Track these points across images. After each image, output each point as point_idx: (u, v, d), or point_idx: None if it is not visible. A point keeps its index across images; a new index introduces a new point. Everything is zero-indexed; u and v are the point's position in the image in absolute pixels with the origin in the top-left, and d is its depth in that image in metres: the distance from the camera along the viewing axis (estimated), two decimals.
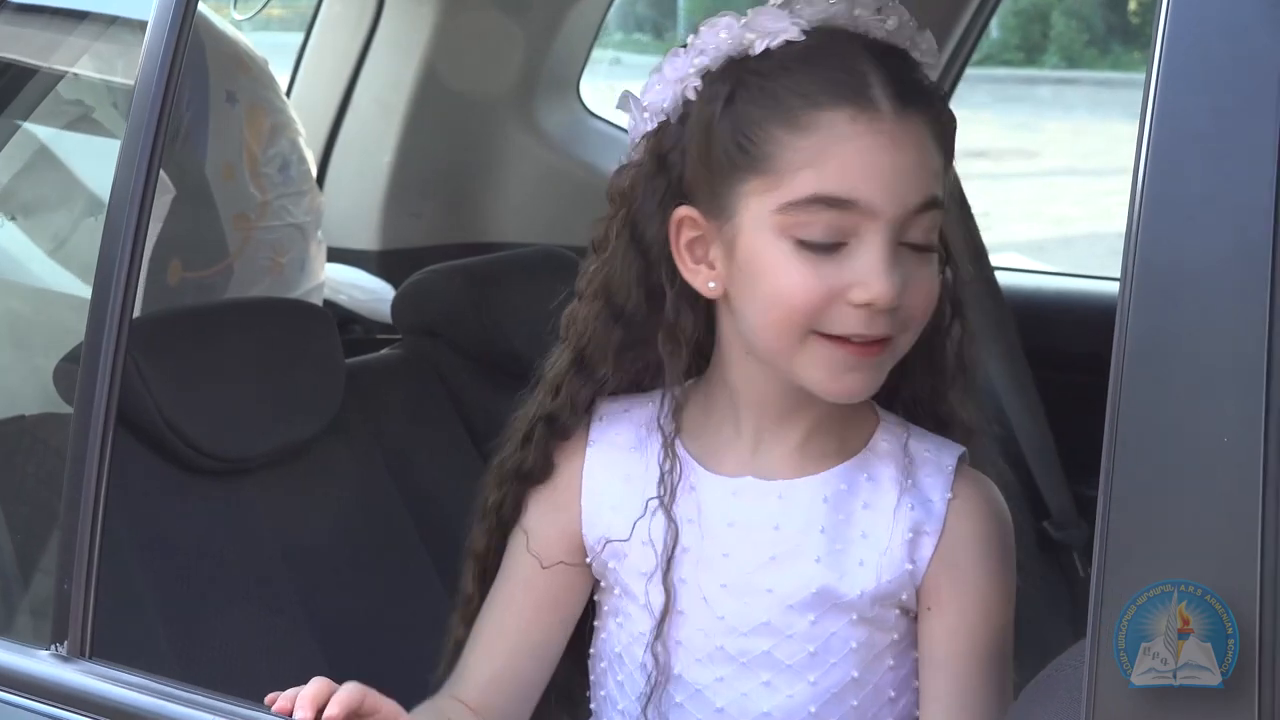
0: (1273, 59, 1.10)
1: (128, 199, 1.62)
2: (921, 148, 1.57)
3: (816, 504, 1.67)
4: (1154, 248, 1.14)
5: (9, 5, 1.81)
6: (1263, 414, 1.08)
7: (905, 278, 1.55)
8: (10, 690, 1.60)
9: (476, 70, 3.29)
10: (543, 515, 1.75)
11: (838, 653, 1.66)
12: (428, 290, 2.66)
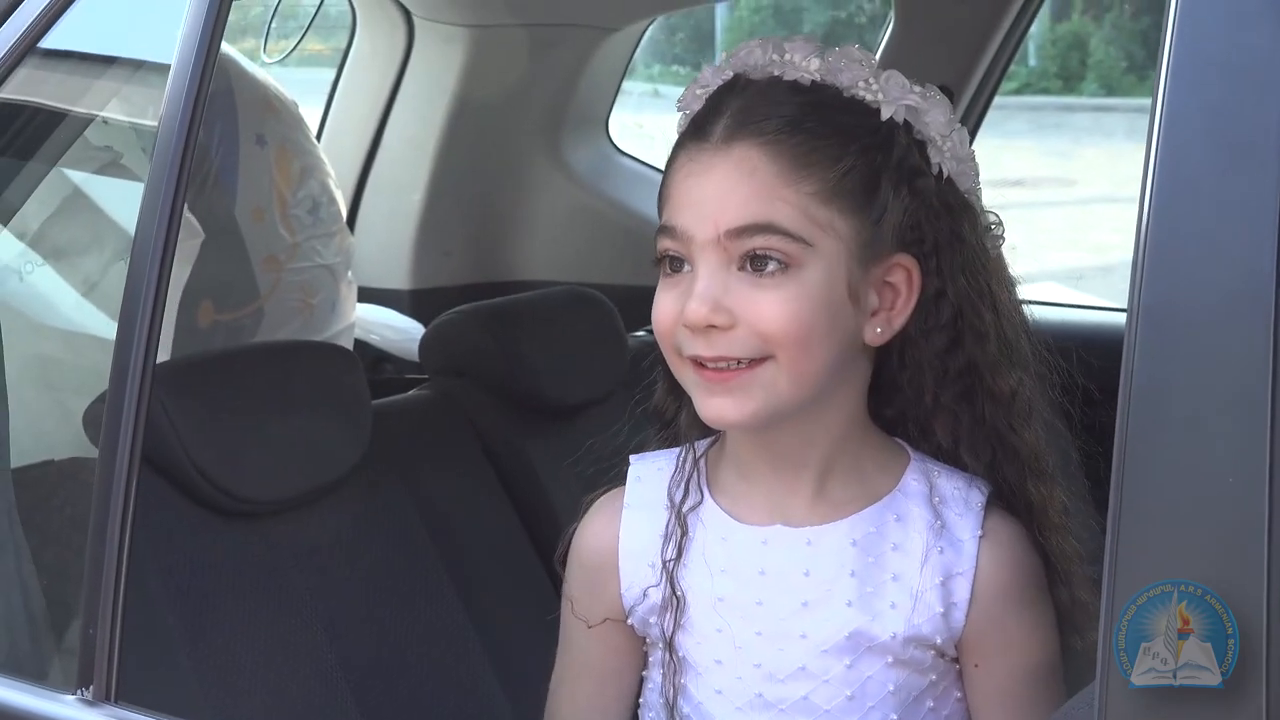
0: (1276, 96, 1.10)
1: (151, 243, 1.62)
2: (747, 173, 1.59)
3: (845, 548, 1.67)
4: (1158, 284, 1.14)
5: (38, 50, 1.81)
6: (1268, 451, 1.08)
7: (741, 300, 1.57)
8: None
9: (505, 108, 3.30)
10: (589, 579, 1.77)
11: (875, 696, 1.66)
12: (454, 331, 2.67)
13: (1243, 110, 1.13)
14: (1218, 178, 1.13)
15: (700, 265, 1.59)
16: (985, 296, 1.70)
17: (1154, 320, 1.14)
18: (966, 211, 1.71)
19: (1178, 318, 1.14)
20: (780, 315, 1.58)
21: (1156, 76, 1.16)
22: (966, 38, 3.17)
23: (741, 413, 1.61)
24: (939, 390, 1.71)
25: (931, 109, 1.68)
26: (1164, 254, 1.14)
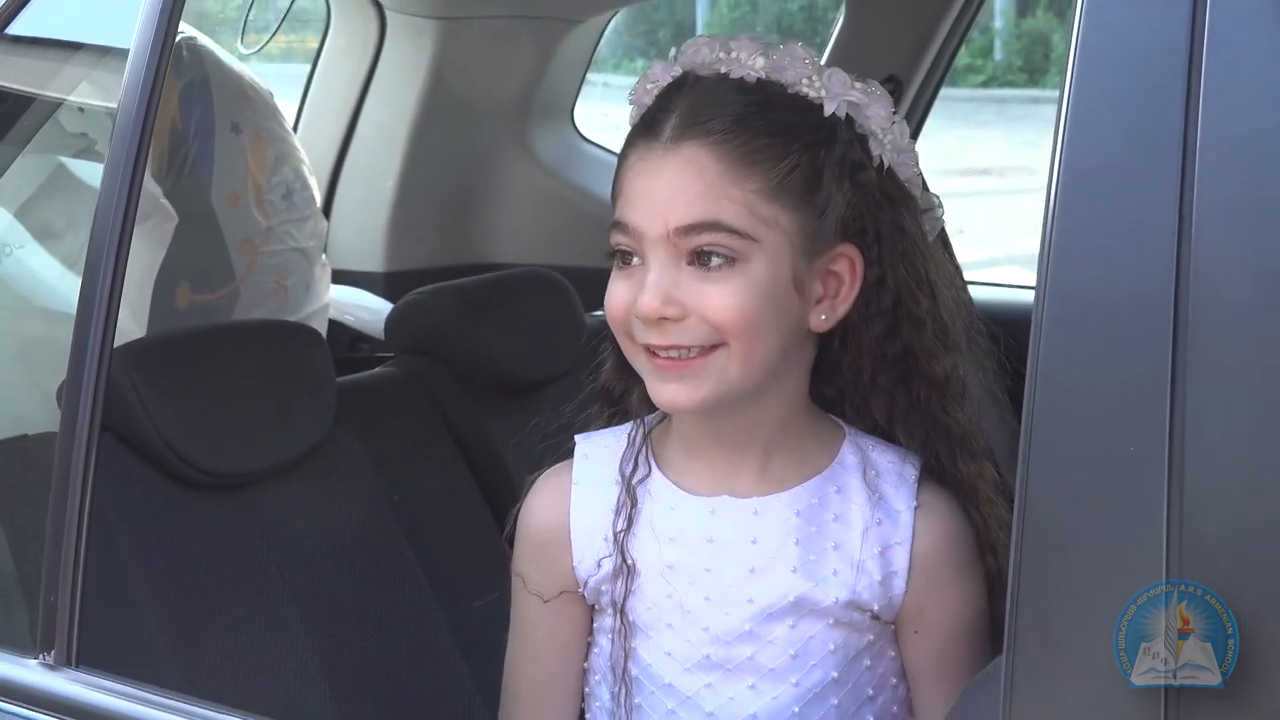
0: (1175, 92, 1.11)
1: (110, 223, 1.62)
2: (697, 172, 1.60)
3: (790, 518, 1.68)
4: (1063, 269, 1.15)
5: (5, 36, 1.81)
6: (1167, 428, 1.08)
7: (690, 293, 1.58)
8: (16, 700, 1.60)
9: (474, 98, 3.30)
10: (539, 553, 1.77)
11: (817, 655, 1.67)
12: (419, 310, 2.67)
13: (1145, 102, 1.13)
14: (1125, 156, 1.14)
15: (651, 260, 1.60)
16: (923, 284, 1.71)
17: (1061, 299, 1.15)
18: (906, 201, 1.72)
19: (1084, 297, 1.14)
20: (728, 307, 1.59)
21: (1064, 71, 1.17)
22: (914, 28, 3.18)
23: (693, 398, 1.62)
24: (877, 373, 1.72)
25: (872, 104, 1.69)
26: (1072, 233, 1.15)
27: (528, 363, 2.58)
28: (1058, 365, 1.13)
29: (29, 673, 1.59)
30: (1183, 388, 1.08)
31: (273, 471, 2.26)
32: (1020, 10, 18.19)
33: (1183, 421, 1.08)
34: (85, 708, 1.56)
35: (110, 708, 1.55)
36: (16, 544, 1.84)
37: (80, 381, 1.60)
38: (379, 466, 2.40)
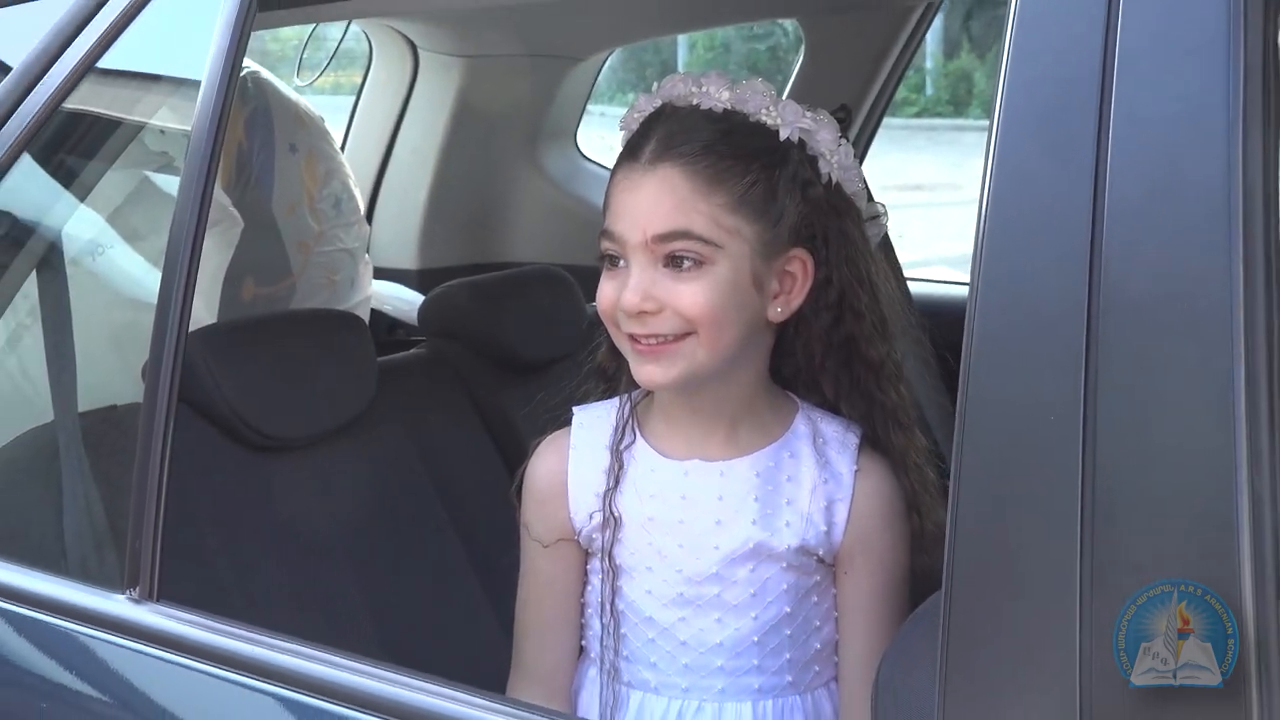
0: (1089, 109, 1.09)
1: (185, 227, 1.61)
2: (670, 189, 1.61)
3: (750, 478, 1.70)
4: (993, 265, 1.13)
5: (96, 69, 1.79)
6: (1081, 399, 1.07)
7: (664, 290, 1.60)
8: (93, 627, 1.58)
9: (493, 123, 3.29)
10: (542, 507, 1.77)
11: (773, 593, 1.69)
12: (446, 301, 2.66)
13: (1065, 118, 1.11)
14: (1046, 169, 1.12)
15: (633, 263, 1.61)
16: (864, 282, 1.72)
17: (992, 285, 1.13)
18: (850, 211, 1.72)
19: (1012, 284, 1.12)
20: (697, 303, 1.60)
21: (995, 91, 1.15)
22: (861, 67, 3.18)
23: (667, 376, 1.63)
24: (825, 356, 1.73)
25: (820, 129, 1.70)
26: (1001, 233, 1.13)
27: (537, 345, 2.57)
28: (989, 346, 1.11)
29: (117, 606, 1.57)
30: (1095, 364, 1.06)
31: (322, 437, 2.24)
32: (947, 53, 18.28)
33: (1095, 394, 1.06)
34: (163, 635, 1.54)
35: (185, 635, 1.53)
36: (107, 498, 1.82)
37: (161, 360, 1.59)
38: (413, 432, 2.39)
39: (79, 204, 2.02)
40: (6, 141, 1.80)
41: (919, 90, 16.71)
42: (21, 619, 1.63)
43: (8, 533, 1.87)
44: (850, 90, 3.18)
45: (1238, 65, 1.05)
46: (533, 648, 1.79)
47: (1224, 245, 1.04)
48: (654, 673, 1.72)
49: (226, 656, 1.49)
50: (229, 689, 1.48)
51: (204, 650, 1.51)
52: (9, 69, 1.83)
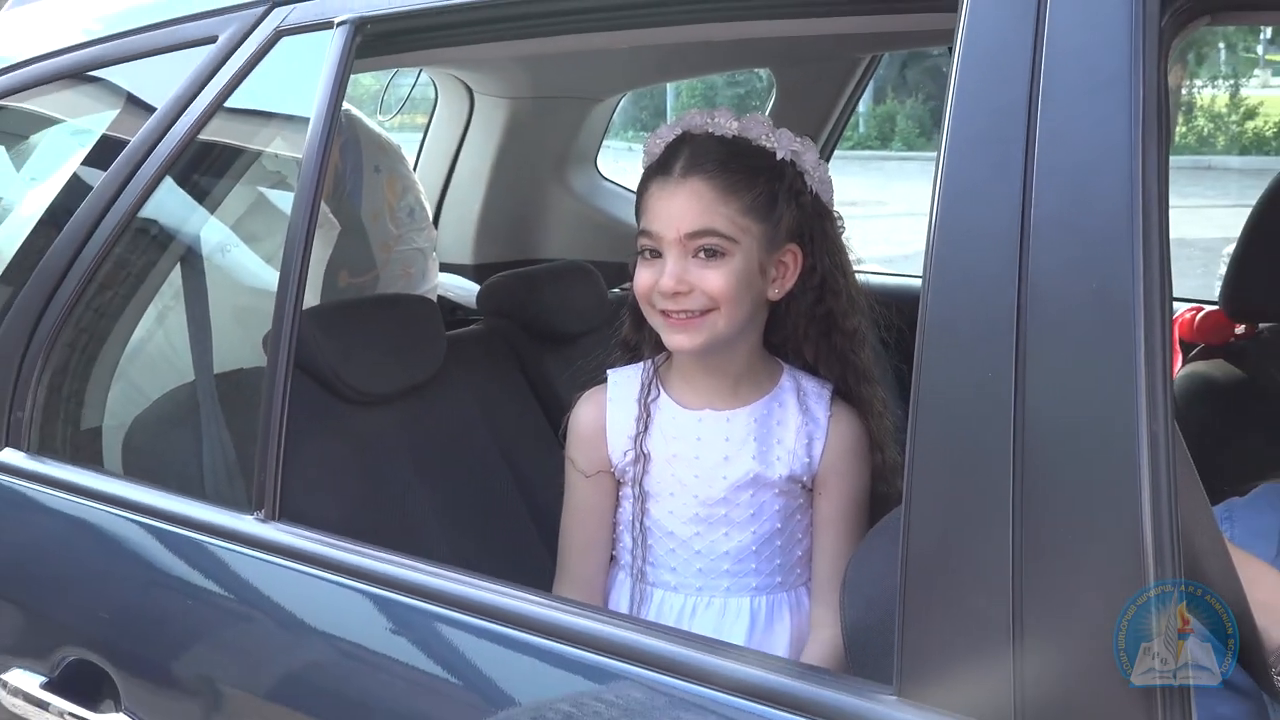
0: (1019, 135, 1.08)
1: (298, 230, 1.59)
2: (698, 197, 1.61)
3: (750, 423, 1.71)
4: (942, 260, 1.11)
5: (226, 107, 1.76)
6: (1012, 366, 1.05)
7: (694, 276, 1.61)
8: (228, 541, 1.57)
9: (531, 150, 3.26)
10: (584, 446, 1.77)
11: (768, 513, 1.70)
12: (499, 288, 2.63)
13: (998, 146, 1.09)
14: (984, 183, 1.10)
15: (668, 255, 1.62)
16: (840, 269, 1.73)
17: (941, 276, 1.11)
18: (829, 215, 1.74)
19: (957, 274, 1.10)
20: (719, 285, 1.61)
21: (943, 120, 1.13)
22: (819, 109, 3.18)
23: (694, 343, 1.64)
24: (808, 327, 1.74)
25: (806, 151, 1.71)
26: (949, 231, 1.11)
27: (569, 321, 2.56)
28: (940, 322, 1.10)
29: (247, 524, 1.56)
30: (1023, 334, 1.05)
31: (402, 393, 2.21)
32: (875, 100, 18.33)
33: (1024, 357, 1.05)
34: (283, 547, 1.52)
35: (299, 547, 1.52)
36: (236, 440, 1.81)
37: (280, 332, 1.57)
38: (473, 390, 2.37)
39: (210, 214, 2.00)
40: (154, 166, 1.78)
41: (853, 128, 16.80)
42: (172, 535, 1.61)
43: (161, 468, 1.85)
44: (812, 125, 3.17)
45: (1137, 98, 1.04)
46: (575, 557, 1.79)
47: (1127, 243, 1.02)
48: (673, 575, 1.73)
49: (332, 563, 1.47)
50: (333, 588, 1.46)
51: (314, 558, 1.49)
52: (154, 109, 1.81)
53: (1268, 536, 1.32)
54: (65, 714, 1.60)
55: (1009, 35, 1.10)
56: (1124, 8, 1.06)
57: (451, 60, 2.91)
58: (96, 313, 1.88)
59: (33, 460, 1.80)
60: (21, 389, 1.83)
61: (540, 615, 1.32)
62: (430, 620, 1.38)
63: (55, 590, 1.71)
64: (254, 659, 1.51)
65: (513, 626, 1.33)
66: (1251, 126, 17.64)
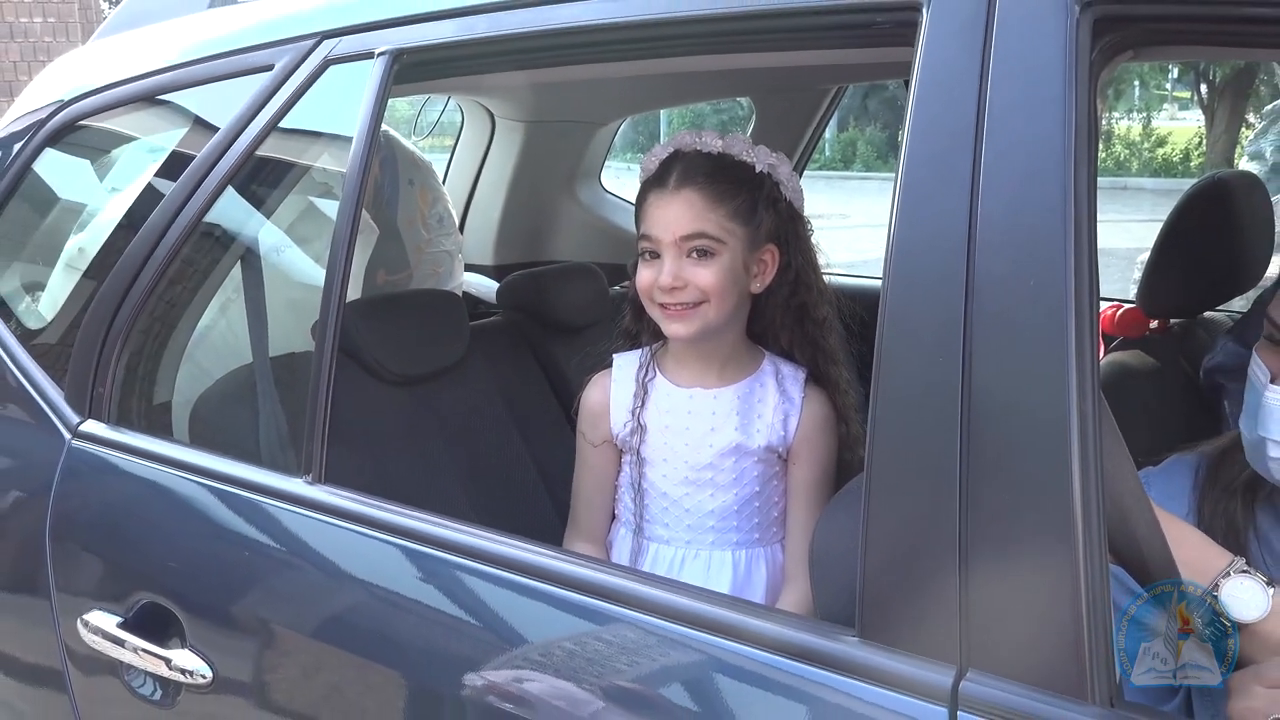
0: (965, 152, 1.07)
1: (343, 234, 1.57)
2: (690, 205, 1.59)
3: (734, 400, 1.70)
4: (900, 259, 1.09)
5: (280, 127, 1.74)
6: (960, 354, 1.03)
7: (688, 273, 1.60)
8: (280, 501, 1.55)
9: (544, 167, 3.23)
10: (592, 420, 1.77)
11: (748, 477, 1.69)
12: (515, 285, 2.61)
13: (949, 161, 1.08)
14: (937, 195, 1.08)
15: (666, 255, 1.61)
16: (811, 267, 1.72)
17: (900, 273, 1.09)
18: (801, 220, 1.73)
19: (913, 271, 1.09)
20: (710, 281, 1.60)
21: (902, 136, 1.12)
22: (792, 134, 3.16)
23: (689, 331, 1.64)
24: (784, 317, 1.72)
25: (781, 165, 1.70)
26: (906, 237, 1.09)
27: (577, 314, 2.54)
28: (898, 313, 1.08)
29: (297, 486, 1.55)
30: (971, 322, 1.04)
31: (432, 375, 2.19)
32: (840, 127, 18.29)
33: (971, 342, 1.04)
34: (328, 506, 1.51)
35: (342, 506, 1.50)
36: (288, 414, 1.79)
37: (326, 321, 1.55)
38: (493, 374, 2.34)
39: (265, 220, 1.98)
40: (217, 178, 1.76)
41: (820, 152, 16.79)
42: (231, 495, 1.60)
43: (223, 438, 1.83)
44: (785, 145, 3.14)
45: (1070, 121, 1.03)
46: (584, 513, 1.79)
47: (1060, 247, 1.01)
48: (666, 530, 1.72)
49: (371, 520, 1.46)
50: (372, 543, 1.44)
51: (356, 516, 1.47)
52: (217, 129, 1.79)
53: (1179, 499, 1.32)
54: (138, 649, 1.58)
55: (959, 66, 1.09)
56: (1059, 43, 1.04)
57: (476, 87, 2.88)
58: (167, 304, 1.87)
59: (112, 430, 1.79)
60: (103, 369, 1.81)
61: (549, 566, 1.31)
62: (454, 570, 1.37)
63: (130, 543, 1.70)
64: (301, 603, 1.49)
65: (525, 575, 1.31)
66: (1161, 153, 17.67)
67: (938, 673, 1.02)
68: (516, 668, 1.28)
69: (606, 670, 1.21)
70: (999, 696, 0.99)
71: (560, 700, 1.23)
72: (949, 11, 1.11)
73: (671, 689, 1.18)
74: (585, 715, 1.21)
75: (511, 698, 1.27)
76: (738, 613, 1.17)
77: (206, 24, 1.98)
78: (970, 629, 1.01)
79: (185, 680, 1.53)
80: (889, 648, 1.06)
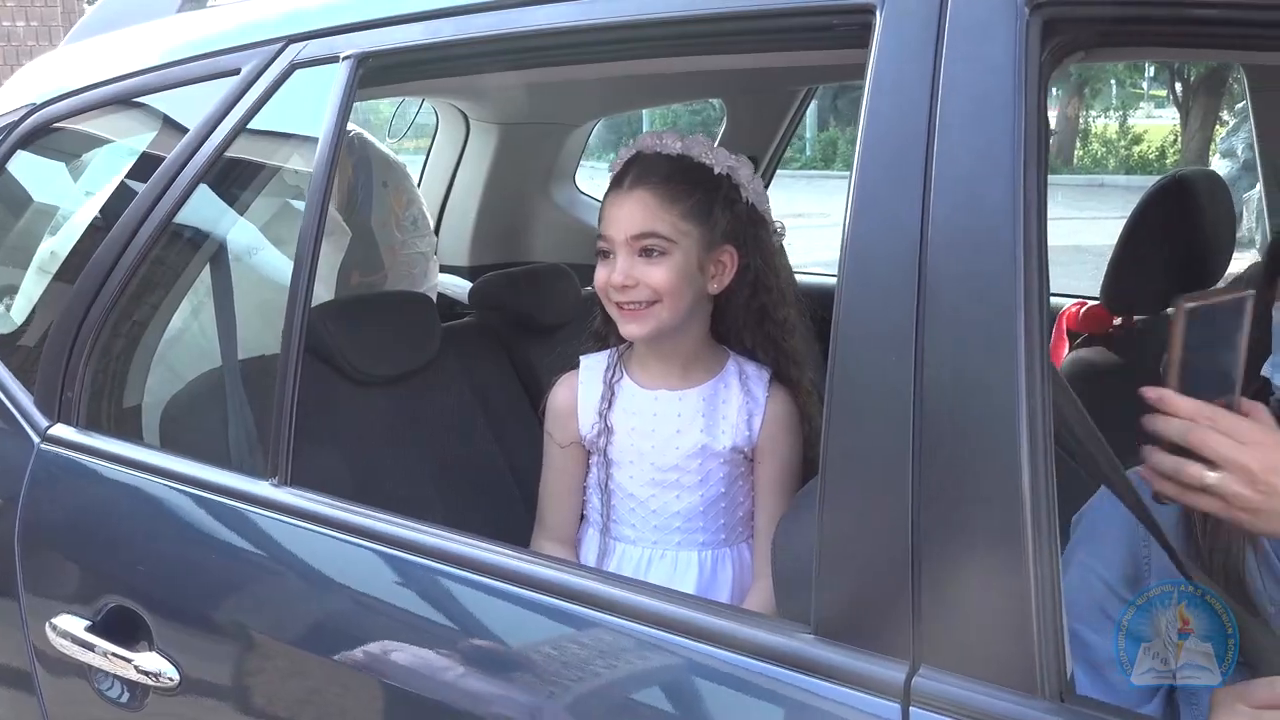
0: (919, 154, 1.07)
1: (309, 234, 1.58)
2: (643, 205, 1.59)
3: (699, 401, 1.69)
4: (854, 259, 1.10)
5: (249, 129, 1.74)
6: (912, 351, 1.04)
7: (640, 272, 1.59)
8: (247, 503, 1.54)
9: (518, 168, 3.22)
10: (559, 421, 1.76)
11: (714, 478, 1.68)
12: (487, 286, 2.59)
13: (902, 162, 1.08)
14: (889, 194, 1.09)
15: (619, 254, 1.61)
16: (771, 268, 1.70)
17: (854, 271, 1.10)
18: (762, 222, 1.71)
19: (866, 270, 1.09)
20: (661, 280, 1.59)
21: (857, 141, 1.12)
22: (765, 133, 3.17)
23: (643, 330, 1.63)
24: (745, 318, 1.71)
25: (741, 167, 1.69)
26: (859, 235, 1.10)
27: (548, 314, 2.53)
28: (852, 312, 1.09)
29: (263, 489, 1.54)
30: (922, 322, 1.04)
31: (404, 376, 2.18)
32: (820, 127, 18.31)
33: (922, 342, 1.04)
34: (294, 509, 1.50)
35: (309, 509, 1.49)
36: (258, 415, 1.78)
37: (291, 322, 1.56)
38: (466, 374, 2.34)
39: (235, 221, 1.97)
40: (186, 179, 1.75)
41: (801, 152, 16.81)
42: (199, 498, 1.59)
43: (194, 441, 1.82)
44: (757, 146, 3.16)
45: (1019, 123, 1.03)
46: (552, 514, 1.78)
47: (1010, 243, 1.02)
48: (633, 530, 1.71)
49: (336, 523, 1.45)
50: (337, 545, 1.44)
51: (320, 519, 1.47)
52: (186, 130, 1.78)
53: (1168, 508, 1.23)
54: (106, 653, 1.58)
55: (911, 68, 1.09)
56: (1009, 45, 1.05)
57: (441, 90, 2.88)
58: (136, 307, 1.86)
59: (81, 434, 1.78)
60: (71, 372, 1.80)
61: (513, 567, 1.30)
62: (418, 571, 1.36)
63: (98, 546, 1.69)
64: (266, 605, 1.49)
65: (492, 577, 1.31)
66: (1137, 150, 17.74)
67: (891, 669, 1.03)
68: (480, 669, 1.28)
69: (568, 669, 1.21)
70: (951, 692, 1.00)
71: (521, 695, 1.23)
72: (901, 14, 1.11)
73: (629, 687, 1.18)
74: (544, 712, 1.21)
75: (474, 698, 1.27)
76: (695, 611, 1.17)
77: (176, 28, 1.97)
78: (922, 626, 1.02)
79: (152, 683, 1.53)
80: (844, 645, 1.06)
